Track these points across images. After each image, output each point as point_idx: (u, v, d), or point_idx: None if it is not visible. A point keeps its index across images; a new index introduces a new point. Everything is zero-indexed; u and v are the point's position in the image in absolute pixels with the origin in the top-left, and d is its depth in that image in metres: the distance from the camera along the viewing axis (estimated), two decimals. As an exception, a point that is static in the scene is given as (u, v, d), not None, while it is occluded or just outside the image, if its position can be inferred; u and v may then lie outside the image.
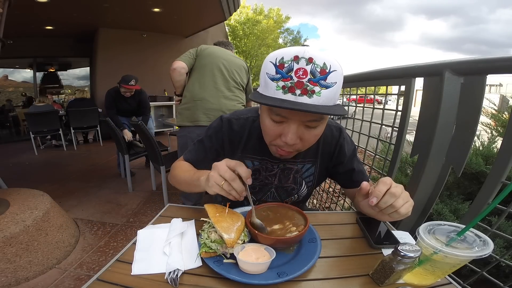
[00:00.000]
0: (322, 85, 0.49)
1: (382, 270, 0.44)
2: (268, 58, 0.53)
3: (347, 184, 0.80)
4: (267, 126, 0.59)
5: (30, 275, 1.38)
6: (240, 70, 1.77)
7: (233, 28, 16.22)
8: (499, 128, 1.36)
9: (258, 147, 0.73)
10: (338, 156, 0.76)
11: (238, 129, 0.74)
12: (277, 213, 0.60)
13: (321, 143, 0.75)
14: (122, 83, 2.67)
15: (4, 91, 6.45)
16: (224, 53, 1.74)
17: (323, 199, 1.92)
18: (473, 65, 0.74)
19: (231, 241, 0.48)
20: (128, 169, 2.61)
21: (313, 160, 0.76)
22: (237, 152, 0.75)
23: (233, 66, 1.73)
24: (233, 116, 0.75)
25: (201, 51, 1.70)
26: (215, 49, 1.74)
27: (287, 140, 0.56)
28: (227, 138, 0.74)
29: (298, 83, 0.49)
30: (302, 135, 0.57)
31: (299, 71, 0.48)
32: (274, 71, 0.51)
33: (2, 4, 1.71)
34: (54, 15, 4.40)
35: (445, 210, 1.11)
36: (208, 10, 4.80)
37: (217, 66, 1.67)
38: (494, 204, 0.38)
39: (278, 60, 0.51)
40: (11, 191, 1.78)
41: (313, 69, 0.48)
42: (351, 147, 0.78)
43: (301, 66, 0.49)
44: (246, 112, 0.77)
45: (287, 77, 0.49)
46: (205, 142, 0.77)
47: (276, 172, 0.75)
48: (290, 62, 0.49)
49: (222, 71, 1.68)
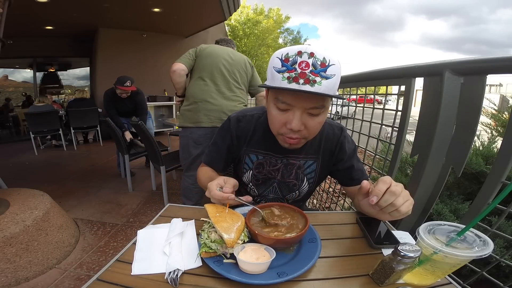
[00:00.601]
0: (323, 76, 0.55)
1: (382, 270, 0.44)
2: (275, 54, 0.60)
3: (346, 182, 0.81)
4: (274, 115, 0.64)
5: (30, 275, 1.38)
6: (242, 68, 1.74)
7: (233, 28, 16.22)
8: (499, 128, 1.36)
9: (263, 141, 0.78)
10: (338, 154, 0.79)
11: (245, 126, 0.80)
12: (277, 213, 0.60)
13: (323, 141, 0.79)
14: (117, 85, 2.63)
15: (4, 91, 6.45)
16: (224, 51, 1.71)
17: (323, 199, 1.92)
18: (473, 65, 0.74)
19: (231, 241, 0.48)
20: (128, 169, 2.61)
21: (315, 156, 0.80)
22: (243, 146, 0.81)
23: (235, 65, 1.71)
24: (240, 114, 0.82)
25: (200, 51, 1.68)
26: (215, 48, 1.72)
27: (292, 126, 0.61)
28: (235, 135, 0.80)
29: (301, 73, 0.55)
30: (305, 122, 0.61)
31: (302, 64, 0.55)
32: (280, 64, 0.57)
33: (2, 4, 1.71)
34: (54, 15, 4.41)
35: (445, 210, 1.11)
36: (208, 10, 4.80)
37: (217, 67, 1.65)
38: (494, 204, 0.38)
39: (283, 56, 0.57)
40: (11, 191, 1.78)
41: (314, 62, 0.54)
42: (351, 146, 0.81)
43: (303, 59, 0.55)
44: (252, 110, 0.83)
45: (291, 69, 0.55)
46: (218, 143, 0.83)
47: (279, 166, 0.79)
48: (294, 56, 0.56)
49: (223, 71, 1.66)
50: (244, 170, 0.82)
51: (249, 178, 0.82)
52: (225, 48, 1.77)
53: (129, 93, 2.73)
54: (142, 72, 5.55)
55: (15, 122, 5.81)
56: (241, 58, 1.78)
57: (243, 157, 0.81)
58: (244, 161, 0.81)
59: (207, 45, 1.72)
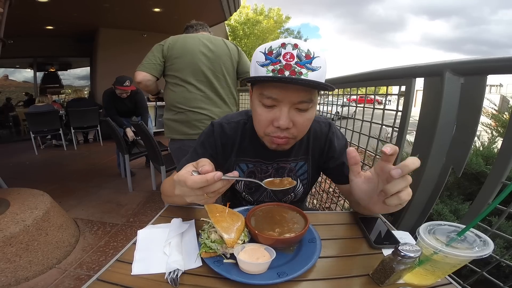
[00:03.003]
0: (309, 68, 0.53)
1: (382, 270, 0.43)
2: (258, 49, 0.58)
3: (340, 179, 0.77)
4: (259, 113, 0.60)
5: (30, 275, 1.38)
6: (227, 59, 1.43)
7: (233, 28, 16.22)
8: (499, 128, 1.35)
9: (251, 149, 0.74)
10: (328, 151, 0.76)
11: (230, 133, 0.74)
12: (277, 213, 0.60)
13: (311, 139, 0.75)
14: (116, 85, 2.64)
15: (4, 91, 6.46)
16: (199, 43, 1.36)
17: (323, 199, 1.92)
18: (473, 65, 0.74)
19: (231, 241, 0.48)
20: (128, 169, 2.61)
21: (305, 157, 0.77)
22: (231, 156, 0.75)
23: (216, 59, 1.38)
24: (224, 120, 0.76)
25: (169, 50, 1.33)
26: (186, 41, 1.36)
27: (280, 124, 0.57)
28: (220, 143, 0.74)
29: (286, 65, 0.53)
30: (294, 119, 0.58)
31: (286, 55, 0.53)
32: (263, 58, 0.55)
33: (3, 3, 1.71)
34: (55, 15, 4.41)
35: (445, 210, 1.11)
36: (208, 10, 4.81)
37: (195, 68, 1.34)
38: (494, 204, 0.38)
39: (267, 49, 0.55)
40: (11, 191, 1.78)
41: (299, 54, 0.53)
42: (341, 141, 0.77)
43: (288, 50, 0.53)
44: (237, 115, 0.77)
45: (276, 61, 0.54)
46: (198, 150, 0.75)
47: (270, 172, 0.76)
48: (278, 48, 0.54)
49: (204, 72, 1.35)
50: (236, 181, 0.77)
51: (242, 187, 0.79)
52: (198, 37, 1.39)
53: (129, 92, 2.73)
54: (142, 72, 5.55)
55: (16, 122, 5.81)
56: (222, 44, 1.42)
57: (233, 167, 0.76)
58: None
59: (175, 37, 1.37)
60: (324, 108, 1.87)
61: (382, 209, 0.50)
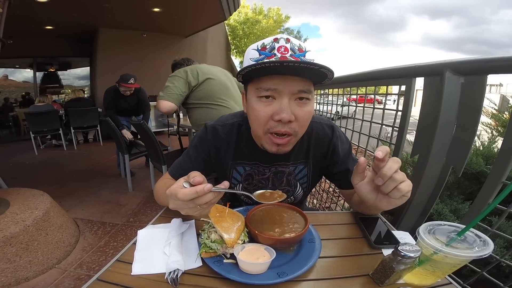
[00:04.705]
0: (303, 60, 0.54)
1: (382, 270, 0.43)
2: (250, 47, 0.58)
3: (342, 185, 0.77)
4: (257, 109, 0.57)
5: (30, 275, 1.38)
6: (230, 76, 1.70)
7: (233, 28, 16.21)
8: (499, 128, 1.35)
9: (248, 152, 0.72)
10: (332, 157, 0.73)
11: (225, 136, 0.72)
12: (277, 213, 0.60)
13: (312, 142, 0.73)
14: (121, 82, 2.66)
15: (4, 91, 6.46)
16: (213, 68, 1.61)
17: (323, 199, 1.92)
18: (473, 65, 0.74)
19: (231, 241, 0.48)
20: (128, 169, 2.60)
21: (304, 161, 0.74)
22: (227, 159, 0.73)
23: (227, 75, 1.65)
24: (218, 122, 0.74)
25: (195, 79, 1.48)
26: (208, 69, 1.59)
27: (282, 116, 0.54)
28: (213, 146, 0.72)
29: (282, 57, 0.54)
30: (294, 112, 0.55)
31: (281, 48, 0.54)
32: (257, 54, 0.56)
33: (2, 4, 1.70)
34: (54, 15, 4.41)
35: (445, 210, 1.11)
36: (208, 10, 4.80)
37: (221, 88, 1.52)
38: (494, 204, 0.38)
39: (259, 46, 0.56)
40: (11, 191, 1.78)
41: (292, 47, 0.55)
42: (345, 146, 0.75)
43: (281, 44, 0.55)
44: (231, 117, 0.75)
45: (270, 55, 0.55)
46: (190, 153, 0.74)
47: (268, 175, 0.74)
48: (271, 43, 0.56)
49: (228, 87, 1.56)
50: (233, 184, 0.76)
51: (240, 189, 0.77)
52: (208, 66, 1.65)
53: (133, 90, 2.75)
54: (142, 72, 5.54)
55: (15, 122, 5.81)
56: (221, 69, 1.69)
57: (230, 171, 0.74)
58: (231, 176, 0.75)
59: (197, 68, 1.55)
60: (324, 108, 1.87)
61: (389, 203, 0.50)
